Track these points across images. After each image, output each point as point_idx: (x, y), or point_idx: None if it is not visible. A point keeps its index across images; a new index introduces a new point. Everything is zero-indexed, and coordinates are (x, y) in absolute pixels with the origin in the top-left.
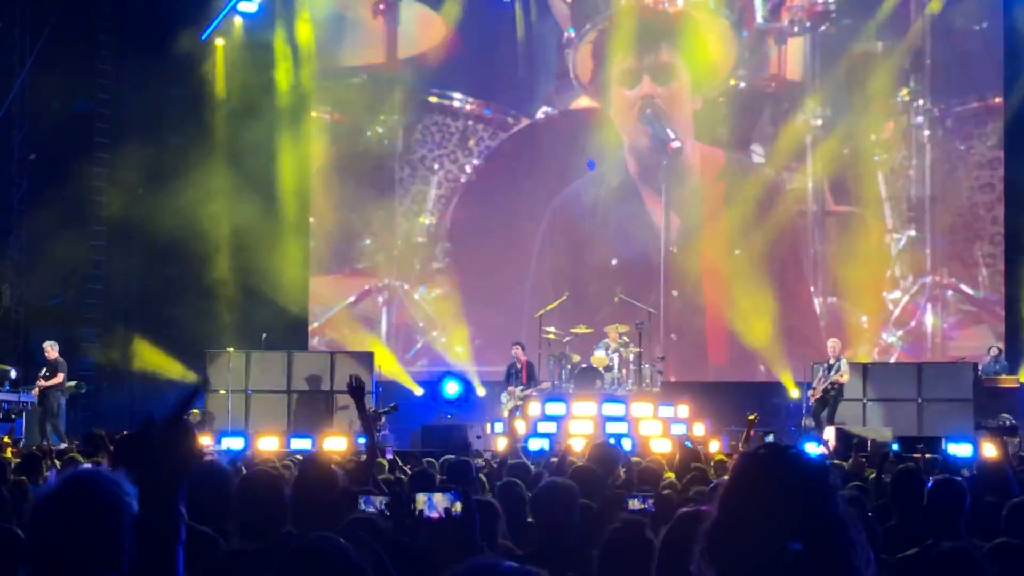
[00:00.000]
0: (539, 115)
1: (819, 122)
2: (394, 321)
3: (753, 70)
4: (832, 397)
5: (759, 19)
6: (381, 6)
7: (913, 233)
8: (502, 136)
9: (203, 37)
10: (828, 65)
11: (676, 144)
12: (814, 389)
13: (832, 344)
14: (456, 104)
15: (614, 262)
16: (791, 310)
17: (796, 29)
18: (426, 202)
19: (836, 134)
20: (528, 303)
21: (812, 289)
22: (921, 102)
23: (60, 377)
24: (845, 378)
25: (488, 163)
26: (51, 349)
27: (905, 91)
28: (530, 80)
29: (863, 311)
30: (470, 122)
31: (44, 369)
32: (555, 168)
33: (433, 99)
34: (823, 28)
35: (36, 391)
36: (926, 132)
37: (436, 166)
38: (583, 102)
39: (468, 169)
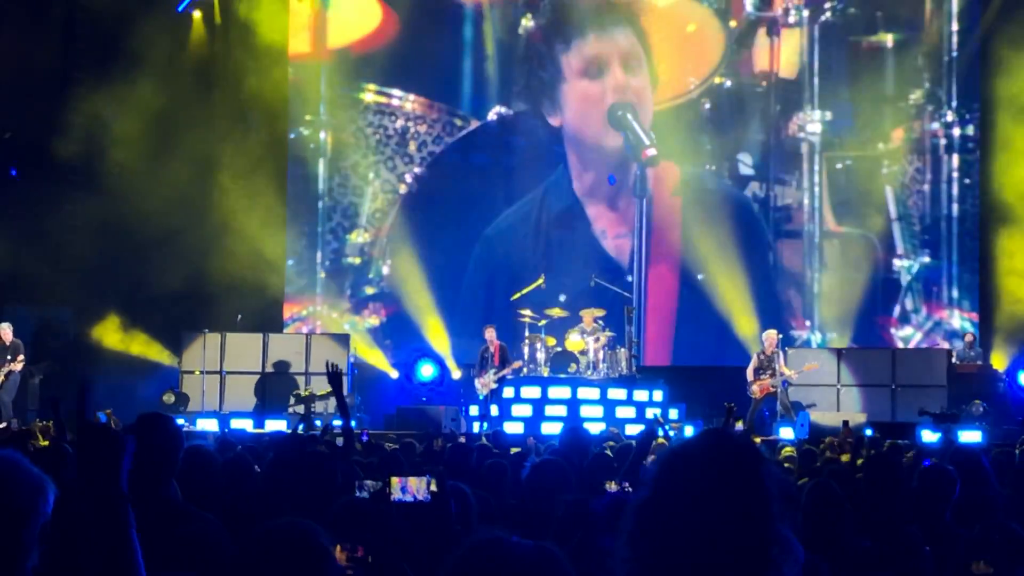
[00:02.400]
0: (491, 116)
1: (817, 128)
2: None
3: (741, 67)
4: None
5: (749, 7)
6: None
7: (927, 259)
8: (448, 140)
9: (179, 8)
10: (829, 61)
11: (652, 151)
12: (760, 380)
13: (771, 336)
14: (395, 102)
15: (562, 298)
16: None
17: (792, 19)
18: (359, 216)
19: (837, 142)
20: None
21: (808, 323)
22: (937, 106)
23: (20, 357)
24: (788, 372)
25: (432, 171)
26: (7, 331)
27: (919, 92)
28: (481, 74)
29: None
30: (411, 123)
31: (7, 354)
32: (508, 177)
33: (368, 96)
34: (823, 18)
35: (1, 376)
36: (943, 140)
37: (371, 175)
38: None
39: (409, 178)
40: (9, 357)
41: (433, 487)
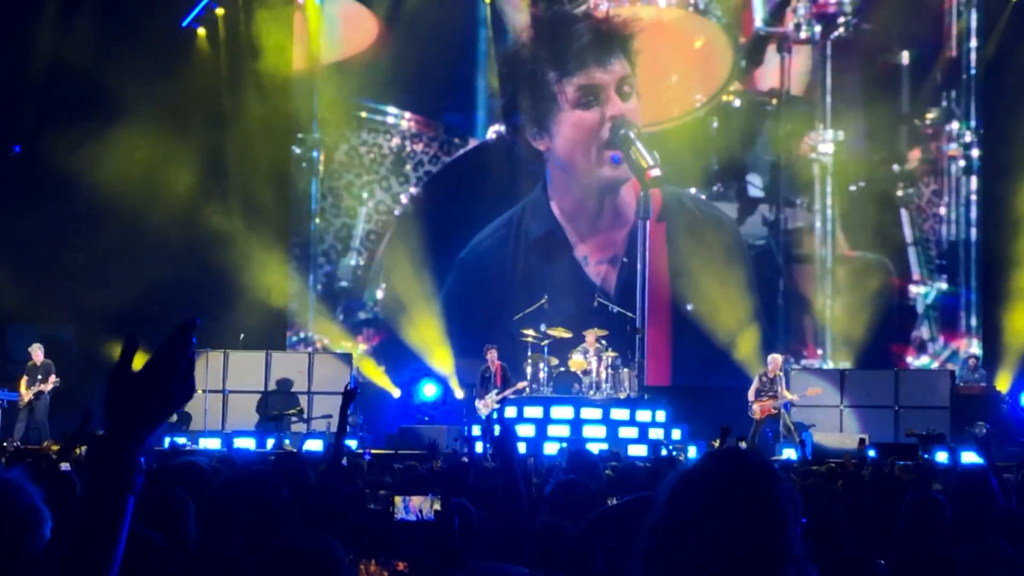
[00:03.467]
0: (490, 134)
1: (830, 148)
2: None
3: (750, 84)
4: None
5: (758, 22)
6: (300, 0)
7: (944, 285)
8: (445, 160)
9: (183, 25)
10: (842, 79)
11: (656, 172)
12: (762, 401)
13: (775, 359)
14: (390, 120)
15: (543, 327)
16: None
17: (803, 35)
18: (352, 238)
19: (850, 163)
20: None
21: (820, 352)
22: (955, 125)
23: (53, 378)
24: (790, 396)
25: (428, 192)
26: (39, 351)
27: (936, 112)
28: (481, 91)
29: None
30: (407, 142)
31: (38, 373)
32: (507, 197)
33: (362, 114)
34: (836, 34)
35: (29, 394)
36: (961, 162)
37: (365, 195)
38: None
39: (404, 199)
40: (40, 377)
41: (437, 506)
